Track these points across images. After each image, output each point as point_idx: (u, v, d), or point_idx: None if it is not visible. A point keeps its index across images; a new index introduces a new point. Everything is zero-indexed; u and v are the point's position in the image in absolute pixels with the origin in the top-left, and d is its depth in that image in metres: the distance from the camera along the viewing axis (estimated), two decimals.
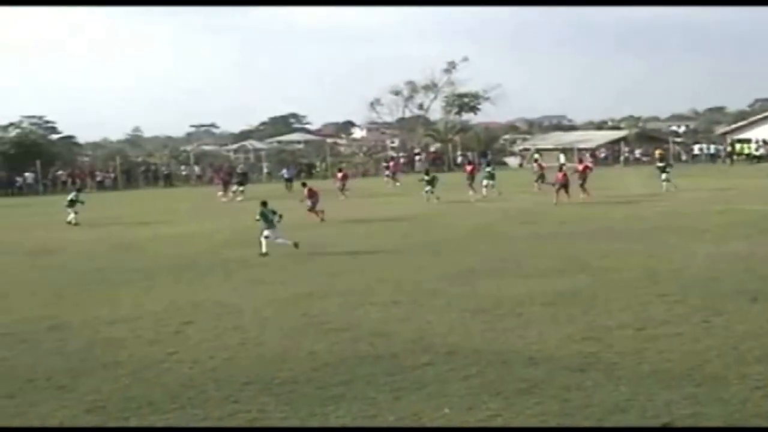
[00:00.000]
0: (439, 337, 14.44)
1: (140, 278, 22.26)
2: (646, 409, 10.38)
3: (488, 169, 50.42)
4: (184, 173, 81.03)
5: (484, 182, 47.34)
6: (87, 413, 11.15)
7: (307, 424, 10.37)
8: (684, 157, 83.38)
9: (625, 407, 10.48)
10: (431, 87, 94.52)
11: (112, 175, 77.01)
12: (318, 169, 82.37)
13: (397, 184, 61.06)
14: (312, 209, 36.39)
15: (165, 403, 11.38)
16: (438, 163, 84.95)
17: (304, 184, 40.14)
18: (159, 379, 12.59)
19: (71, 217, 39.25)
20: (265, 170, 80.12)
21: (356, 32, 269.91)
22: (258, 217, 26.75)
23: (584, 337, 14.03)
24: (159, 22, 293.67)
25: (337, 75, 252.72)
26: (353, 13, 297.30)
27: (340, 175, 53.03)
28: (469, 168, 50.91)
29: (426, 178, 46.91)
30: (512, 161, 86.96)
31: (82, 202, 40.66)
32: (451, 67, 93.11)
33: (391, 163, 71.99)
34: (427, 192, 45.33)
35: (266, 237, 25.93)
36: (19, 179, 73.43)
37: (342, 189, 50.59)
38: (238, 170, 78.36)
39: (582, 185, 42.81)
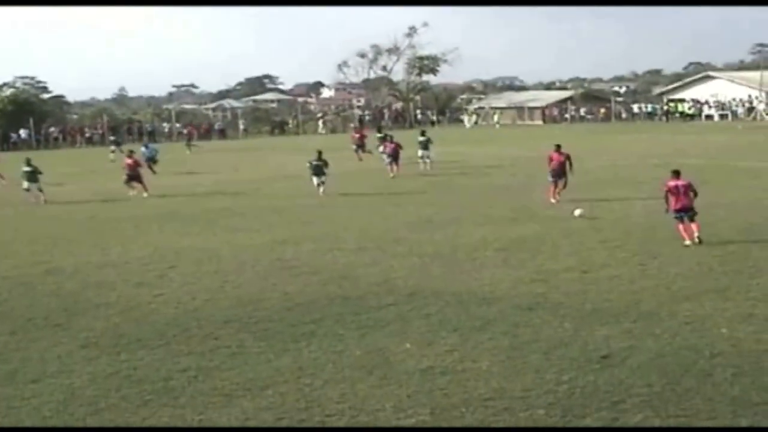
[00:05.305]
0: (401, 280, 14.60)
1: (127, 227, 22.21)
2: (587, 343, 10.59)
3: (421, 138, 36.08)
4: (166, 130, 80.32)
5: (419, 153, 35.47)
6: (81, 348, 11.24)
7: (281, 359, 10.49)
8: (624, 115, 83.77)
9: (569, 342, 10.69)
10: (394, 50, 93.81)
11: (100, 132, 76.32)
12: (290, 126, 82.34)
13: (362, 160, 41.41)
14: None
15: (152, 339, 11.48)
16: (400, 120, 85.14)
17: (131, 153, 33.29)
18: (146, 318, 12.68)
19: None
20: (241, 127, 79.79)
21: None
22: None
23: (533, 279, 14.25)
24: None
25: (308, 38, 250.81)
26: None
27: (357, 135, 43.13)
28: (356, 135, 42.85)
29: (421, 139, 35.89)
30: (467, 119, 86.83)
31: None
32: (413, 31, 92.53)
33: (357, 135, 44.64)
34: (422, 159, 35.42)
35: None
36: (14, 136, 72.69)
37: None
38: (216, 127, 78.41)
39: None
